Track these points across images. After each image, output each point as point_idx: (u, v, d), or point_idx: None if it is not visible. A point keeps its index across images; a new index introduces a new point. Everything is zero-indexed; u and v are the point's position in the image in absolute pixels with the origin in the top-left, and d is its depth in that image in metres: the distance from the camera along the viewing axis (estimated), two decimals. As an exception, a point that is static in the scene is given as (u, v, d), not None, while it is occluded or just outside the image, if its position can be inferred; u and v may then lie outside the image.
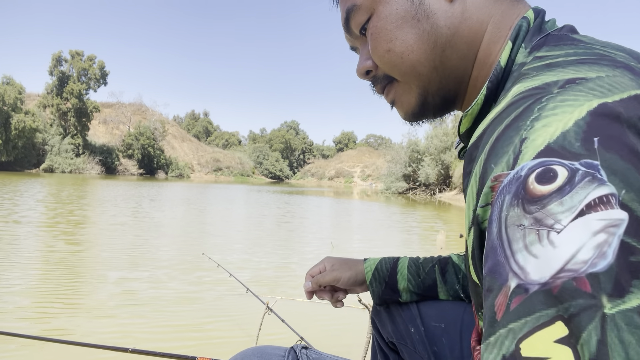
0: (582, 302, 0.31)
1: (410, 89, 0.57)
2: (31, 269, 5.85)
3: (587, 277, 0.31)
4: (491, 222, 0.39)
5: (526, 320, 0.33)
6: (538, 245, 0.34)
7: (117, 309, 4.44)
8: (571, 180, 0.34)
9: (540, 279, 0.33)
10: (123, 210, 13.54)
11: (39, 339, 1.77)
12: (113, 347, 1.61)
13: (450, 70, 0.54)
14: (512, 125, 0.40)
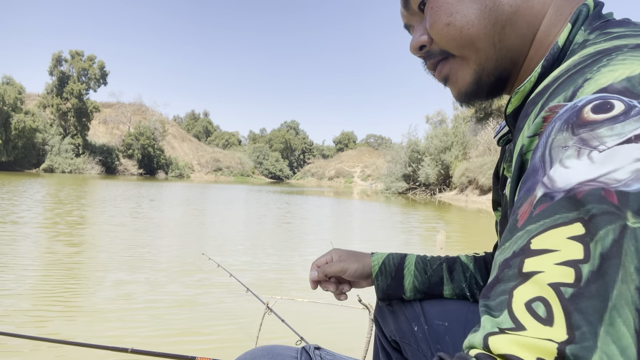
0: (605, 208, 0.32)
1: (467, 64, 0.56)
2: (30, 269, 5.85)
3: (617, 192, 0.32)
4: (536, 149, 0.40)
5: (544, 222, 0.34)
6: (574, 159, 0.35)
7: (117, 309, 4.44)
8: (627, 113, 0.35)
9: (566, 186, 0.34)
10: (123, 210, 13.54)
11: (39, 339, 1.77)
12: (113, 347, 1.61)
13: (508, 49, 0.54)
14: (578, 71, 0.41)
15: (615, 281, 0.30)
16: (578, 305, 0.30)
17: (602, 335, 0.29)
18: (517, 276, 0.33)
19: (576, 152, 0.36)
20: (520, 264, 0.34)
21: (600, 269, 0.30)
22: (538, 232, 0.34)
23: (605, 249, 0.31)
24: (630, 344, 0.28)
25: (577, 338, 0.29)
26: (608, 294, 0.30)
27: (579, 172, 0.34)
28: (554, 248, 0.33)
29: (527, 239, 0.35)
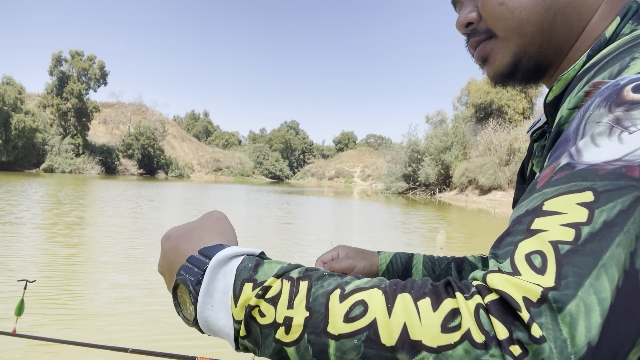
0: (622, 183, 0.34)
1: (508, 47, 0.56)
2: (31, 269, 5.85)
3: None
4: (573, 120, 0.42)
5: (559, 187, 0.37)
6: (605, 137, 0.37)
7: (117, 309, 4.44)
8: None
9: (592, 161, 0.36)
10: (123, 210, 13.53)
11: (39, 339, 1.77)
12: (113, 347, 1.61)
13: (554, 37, 0.54)
14: (626, 50, 0.44)
15: (611, 244, 0.33)
16: (570, 260, 0.33)
17: (586, 286, 0.32)
18: (525, 232, 0.36)
19: (608, 129, 0.37)
20: (530, 222, 0.36)
21: (599, 232, 0.33)
22: (552, 195, 0.37)
23: (610, 217, 0.34)
24: (608, 297, 0.31)
25: (561, 286, 0.32)
26: (601, 253, 0.33)
27: (606, 151, 0.36)
28: (562, 211, 0.35)
29: (542, 200, 0.37)
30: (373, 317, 0.35)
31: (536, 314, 0.31)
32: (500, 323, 0.32)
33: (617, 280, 0.32)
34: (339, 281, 0.40)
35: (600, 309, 0.31)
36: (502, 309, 0.33)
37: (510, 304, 0.32)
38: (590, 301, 0.31)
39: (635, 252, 0.33)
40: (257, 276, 0.41)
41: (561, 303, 0.31)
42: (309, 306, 0.38)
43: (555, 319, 0.31)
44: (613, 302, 0.32)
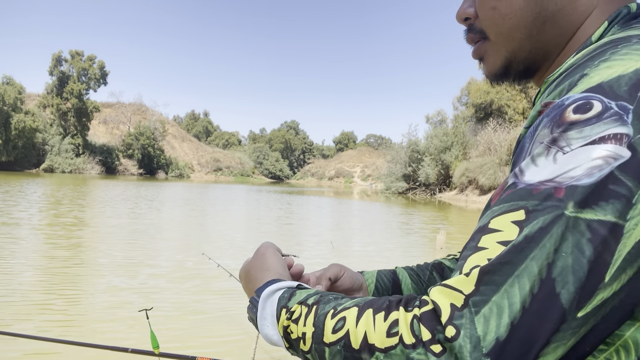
0: (548, 204, 0.39)
1: (499, 51, 0.59)
2: (31, 269, 5.85)
3: (567, 188, 0.39)
4: (526, 138, 0.47)
5: (502, 206, 0.42)
6: (543, 158, 0.41)
7: (117, 309, 4.44)
8: (600, 115, 0.40)
9: (529, 181, 0.41)
10: (123, 210, 13.53)
11: (39, 339, 1.77)
12: (113, 347, 1.61)
13: (543, 43, 0.56)
14: (582, 64, 0.46)
15: (527, 258, 0.38)
16: (491, 269, 0.39)
17: (501, 292, 0.38)
18: (473, 248, 0.42)
19: (546, 150, 0.42)
20: (478, 239, 0.42)
21: (518, 246, 0.39)
22: (497, 214, 0.42)
23: (530, 233, 0.39)
24: (517, 302, 0.37)
25: (480, 292, 0.39)
26: (518, 265, 0.38)
27: (542, 172, 0.41)
28: (500, 229, 0.41)
29: (489, 218, 0.42)
30: (347, 328, 0.46)
31: (458, 317, 0.38)
32: (425, 328, 0.40)
33: (530, 288, 0.37)
34: (335, 303, 0.50)
35: (509, 311, 0.37)
36: (431, 317, 0.40)
37: (436, 311, 0.40)
38: (503, 305, 0.37)
39: (553, 264, 0.38)
40: (289, 303, 0.55)
41: (478, 307, 0.38)
42: (315, 324, 0.50)
43: (473, 320, 0.38)
44: (526, 306, 0.37)
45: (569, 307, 0.37)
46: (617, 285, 0.39)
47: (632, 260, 0.39)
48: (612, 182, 0.38)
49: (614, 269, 0.38)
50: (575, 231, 0.38)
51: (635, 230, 0.38)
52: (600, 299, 0.38)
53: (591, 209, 0.38)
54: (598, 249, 0.37)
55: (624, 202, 0.38)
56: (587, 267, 0.37)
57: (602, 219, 0.38)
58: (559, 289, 0.37)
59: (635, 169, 0.38)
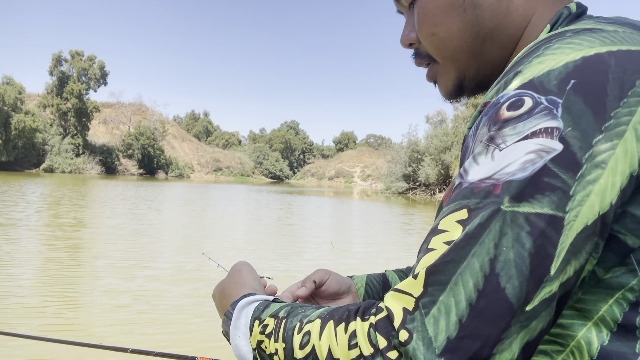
0: (488, 201, 0.40)
1: (449, 72, 0.60)
2: (32, 269, 5.84)
3: (503, 183, 0.40)
4: (468, 138, 0.49)
5: (450, 206, 0.43)
6: (483, 156, 0.42)
7: (117, 309, 4.43)
8: (531, 111, 0.40)
9: (472, 179, 0.42)
10: (123, 210, 13.52)
11: (39, 339, 1.77)
12: (113, 347, 1.61)
13: (488, 60, 0.57)
14: (519, 61, 0.46)
15: (468, 255, 0.39)
16: (436, 269, 0.39)
17: (447, 291, 0.38)
18: (425, 250, 0.42)
19: (485, 148, 0.42)
20: (429, 241, 0.42)
21: (459, 243, 0.39)
22: (444, 214, 0.43)
23: (470, 230, 0.39)
24: (463, 299, 0.38)
25: (428, 293, 0.39)
26: (460, 262, 0.39)
27: (482, 169, 0.42)
28: (446, 229, 0.41)
29: (439, 219, 0.43)
30: (312, 344, 0.46)
31: (410, 320, 0.39)
32: (381, 336, 0.40)
33: (474, 284, 0.38)
34: (301, 316, 0.50)
35: (456, 309, 0.37)
36: (386, 324, 0.40)
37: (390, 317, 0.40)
38: (450, 303, 0.38)
39: (495, 259, 0.38)
40: (262, 315, 0.55)
41: (427, 308, 0.39)
42: (284, 339, 0.50)
43: (424, 321, 0.38)
44: (472, 303, 0.37)
45: (517, 301, 0.37)
46: (564, 277, 0.39)
47: (576, 252, 0.39)
48: (546, 174, 0.38)
49: (559, 261, 0.38)
50: (514, 225, 0.38)
51: (575, 221, 0.38)
52: (548, 291, 0.38)
53: (528, 202, 0.38)
54: (538, 241, 0.38)
55: (560, 194, 0.38)
56: (529, 259, 0.37)
57: (539, 212, 0.38)
58: (504, 283, 0.37)
59: (568, 161, 0.38)
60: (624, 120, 0.39)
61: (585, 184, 0.38)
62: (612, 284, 0.41)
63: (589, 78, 0.40)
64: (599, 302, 0.42)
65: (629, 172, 0.39)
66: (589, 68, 0.40)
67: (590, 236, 0.39)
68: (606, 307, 0.41)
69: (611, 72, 0.40)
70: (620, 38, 0.42)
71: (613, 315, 0.41)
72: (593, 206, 0.38)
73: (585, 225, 0.38)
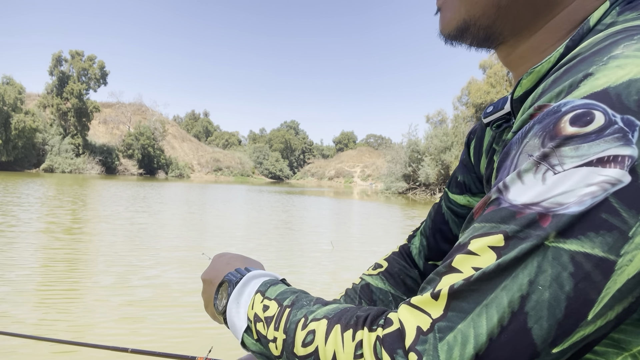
0: (531, 232, 0.34)
1: (459, 10, 0.51)
2: (31, 269, 5.85)
3: (553, 216, 0.34)
4: (512, 144, 0.41)
5: (484, 225, 0.38)
6: (531, 175, 0.36)
7: (117, 309, 4.44)
8: (602, 131, 0.34)
9: (513, 201, 0.36)
10: (123, 210, 13.53)
11: (39, 339, 1.77)
12: (113, 347, 1.61)
13: (513, 18, 0.49)
14: (588, 58, 0.38)
15: (497, 287, 0.35)
16: (460, 295, 0.36)
17: (468, 321, 0.35)
18: (448, 267, 0.38)
19: (535, 166, 0.36)
20: (454, 258, 0.38)
21: (490, 274, 0.35)
22: (477, 234, 0.38)
23: (504, 262, 0.35)
24: (484, 333, 0.34)
25: (447, 317, 0.36)
26: (487, 294, 0.35)
27: (528, 191, 0.36)
28: (477, 252, 0.37)
29: (469, 237, 0.38)
30: (316, 345, 0.44)
31: (422, 342, 0.36)
32: (386, 352, 0.38)
33: (499, 319, 0.34)
34: (306, 310, 0.48)
35: (475, 342, 0.34)
36: (394, 339, 0.38)
37: (401, 333, 0.38)
38: (468, 334, 0.35)
39: (528, 296, 0.34)
40: (267, 292, 0.53)
41: (442, 333, 0.35)
42: (285, 330, 0.47)
43: (436, 346, 0.35)
44: (493, 338, 0.34)
45: (542, 343, 0.34)
46: (602, 321, 0.35)
47: (622, 298, 0.34)
48: (605, 210, 0.33)
49: (600, 307, 0.34)
50: (556, 263, 0.34)
51: (629, 266, 0.33)
52: (580, 335, 0.34)
53: (577, 239, 0.33)
54: (581, 285, 0.33)
55: (617, 234, 0.33)
56: (566, 303, 0.33)
57: (589, 252, 0.33)
58: (531, 323, 0.34)
59: (633, 196, 0.33)
60: None
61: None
62: None
63: None
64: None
65: None
66: None
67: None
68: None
69: None
70: None
71: None
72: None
73: (639, 271, 0.33)
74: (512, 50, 0.53)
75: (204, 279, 0.66)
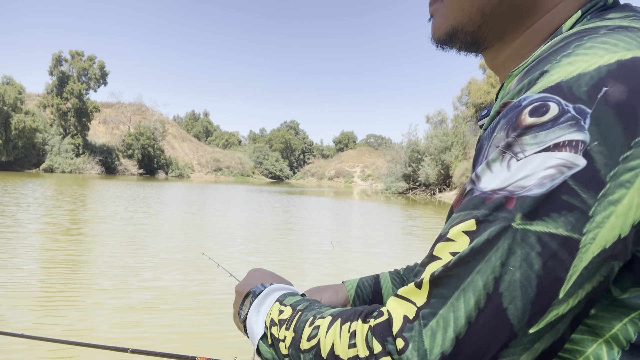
0: (499, 215, 0.38)
1: (447, 17, 0.55)
2: (31, 269, 5.84)
3: (518, 198, 0.37)
4: (483, 139, 0.46)
5: (460, 214, 0.41)
6: (498, 164, 0.40)
7: (117, 309, 4.44)
8: (556, 119, 0.37)
9: (484, 188, 0.40)
10: (123, 210, 13.52)
11: (39, 339, 1.77)
12: (113, 347, 1.61)
13: (496, 24, 0.52)
14: (545, 58, 0.42)
15: (472, 271, 0.37)
16: (440, 281, 0.39)
17: (448, 305, 0.37)
18: (430, 256, 0.41)
19: (501, 155, 0.40)
20: (434, 248, 0.41)
21: (465, 258, 0.38)
22: (455, 222, 0.41)
23: (477, 245, 0.38)
24: (462, 316, 0.37)
25: (429, 304, 0.38)
26: (464, 278, 0.37)
27: (495, 178, 0.39)
28: (454, 238, 0.40)
29: (449, 227, 0.41)
30: (319, 337, 0.46)
31: (409, 329, 0.38)
32: (376, 341, 0.40)
33: (476, 302, 0.36)
34: (315, 311, 0.51)
35: (454, 325, 0.37)
36: (384, 328, 0.40)
37: (389, 322, 0.40)
38: (449, 318, 0.37)
39: (501, 278, 0.36)
40: (285, 300, 0.57)
41: (426, 319, 0.38)
42: (295, 329, 0.50)
43: (421, 332, 0.37)
44: (471, 321, 0.36)
45: (518, 323, 0.36)
46: (574, 300, 0.37)
47: (590, 276, 0.36)
48: (565, 192, 0.36)
49: (569, 285, 0.36)
50: (524, 244, 0.36)
51: (592, 244, 0.36)
52: (554, 315, 0.36)
53: (542, 220, 0.36)
54: (549, 263, 0.36)
55: (578, 214, 0.36)
56: (537, 282, 0.36)
57: (553, 232, 0.36)
58: (506, 304, 0.36)
59: (590, 178, 0.36)
60: None
61: (606, 204, 0.36)
62: (629, 304, 0.40)
63: (624, 86, 0.37)
64: (613, 320, 0.40)
65: None
66: (625, 74, 0.37)
67: (608, 260, 0.37)
68: (620, 325, 0.40)
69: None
70: None
71: (627, 335, 0.40)
72: (613, 228, 0.36)
73: (603, 249, 0.36)
74: (497, 55, 0.56)
75: (237, 291, 0.69)
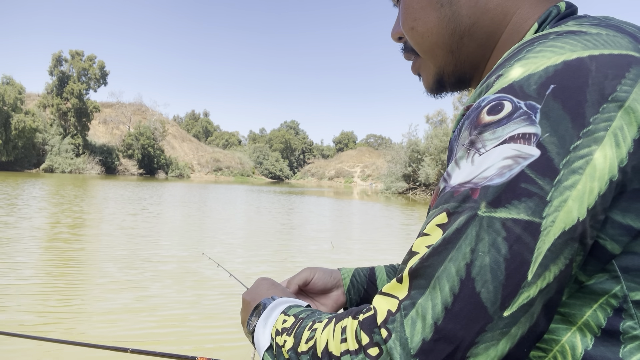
0: (466, 205, 0.40)
1: (429, 67, 0.62)
2: (31, 269, 5.84)
3: (482, 188, 0.40)
4: (452, 142, 0.49)
5: (434, 210, 0.43)
6: (464, 160, 0.43)
7: (117, 309, 4.43)
8: (510, 115, 0.41)
9: (453, 183, 0.43)
10: (124, 211, 13.52)
11: (39, 339, 1.77)
12: (113, 347, 1.61)
13: (467, 56, 0.58)
14: (501, 64, 0.46)
15: (445, 259, 0.40)
16: (417, 273, 0.41)
17: (426, 295, 0.40)
18: (410, 252, 0.44)
19: (466, 153, 0.43)
20: (414, 244, 0.44)
21: (437, 248, 0.40)
22: (430, 218, 0.43)
23: (448, 235, 0.40)
24: (439, 303, 0.39)
25: (409, 296, 0.41)
26: (438, 267, 0.40)
27: (461, 173, 0.42)
28: (429, 232, 0.42)
29: (426, 223, 0.44)
30: (315, 338, 0.48)
31: (392, 321, 0.41)
32: (365, 334, 0.42)
33: (450, 288, 0.39)
34: (315, 317, 0.53)
35: (432, 312, 0.39)
36: (370, 322, 0.42)
37: (375, 316, 0.42)
38: (427, 306, 0.39)
39: (472, 263, 0.39)
40: (289, 311, 0.58)
41: (407, 310, 0.40)
42: (295, 335, 0.52)
43: (402, 323, 0.40)
44: (448, 307, 0.38)
45: (492, 305, 0.38)
46: (542, 282, 0.39)
47: (554, 258, 0.39)
48: (522, 180, 0.39)
49: (536, 267, 0.38)
50: (491, 230, 0.39)
51: (552, 227, 0.38)
52: (526, 297, 0.38)
53: (504, 207, 0.39)
54: (515, 247, 0.38)
55: (537, 200, 0.38)
56: (505, 265, 0.38)
57: (515, 218, 0.38)
58: (479, 287, 0.38)
59: (545, 167, 0.39)
60: (602, 126, 0.39)
61: (562, 189, 0.38)
62: (596, 290, 0.42)
63: (569, 83, 0.40)
64: (583, 307, 0.42)
65: (608, 178, 0.39)
66: (570, 73, 0.40)
67: (569, 242, 0.39)
68: (590, 312, 0.42)
69: (591, 77, 0.40)
70: (603, 41, 0.42)
71: (597, 321, 0.42)
72: (571, 212, 0.38)
73: (563, 231, 0.38)
74: (478, 81, 0.61)
75: (244, 299, 0.70)
